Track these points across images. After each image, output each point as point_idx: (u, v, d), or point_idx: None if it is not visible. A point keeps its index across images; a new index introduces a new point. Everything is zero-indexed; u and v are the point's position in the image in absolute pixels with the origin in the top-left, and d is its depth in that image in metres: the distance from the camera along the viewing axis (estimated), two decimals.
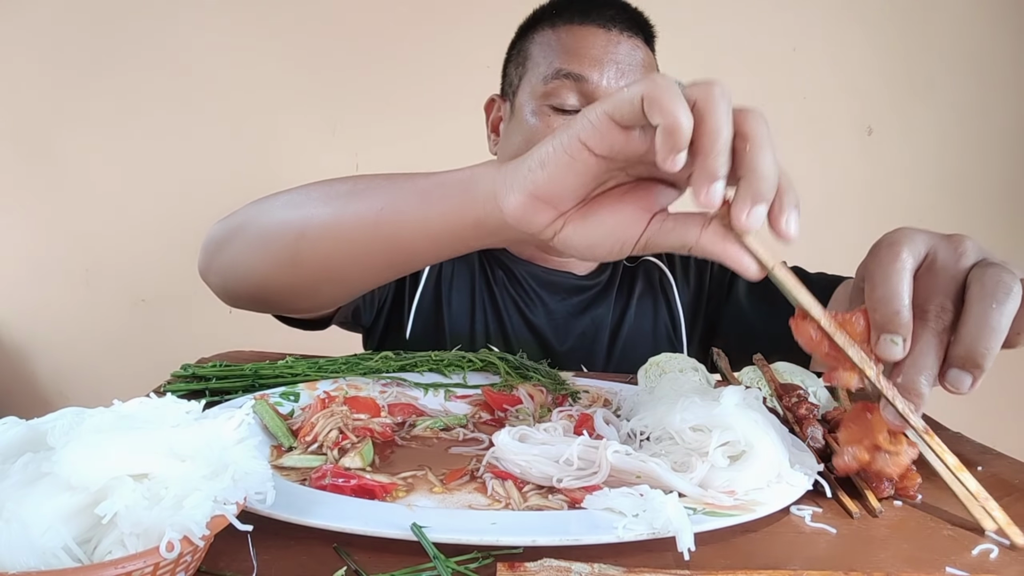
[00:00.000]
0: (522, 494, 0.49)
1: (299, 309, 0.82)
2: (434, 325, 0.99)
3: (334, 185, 0.65)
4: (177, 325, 1.94)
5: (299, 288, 0.71)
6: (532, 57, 0.93)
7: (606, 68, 0.88)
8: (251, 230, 0.70)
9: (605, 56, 0.88)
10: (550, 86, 0.88)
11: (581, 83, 0.87)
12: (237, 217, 0.73)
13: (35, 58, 1.87)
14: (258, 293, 0.74)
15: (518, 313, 1.00)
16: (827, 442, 0.58)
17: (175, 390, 0.66)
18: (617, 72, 0.88)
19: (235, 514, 0.35)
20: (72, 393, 2.00)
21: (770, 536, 0.46)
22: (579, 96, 0.88)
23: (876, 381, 0.45)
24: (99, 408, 0.38)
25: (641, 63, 0.91)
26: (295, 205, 0.67)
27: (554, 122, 0.88)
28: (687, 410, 0.53)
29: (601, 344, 1.00)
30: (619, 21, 0.91)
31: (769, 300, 0.99)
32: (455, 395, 0.70)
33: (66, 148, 1.91)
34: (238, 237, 0.72)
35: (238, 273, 0.73)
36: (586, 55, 0.88)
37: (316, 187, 0.67)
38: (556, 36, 0.91)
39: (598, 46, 0.88)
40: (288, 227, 0.66)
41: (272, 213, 0.69)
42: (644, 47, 0.93)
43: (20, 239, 1.95)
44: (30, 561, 0.30)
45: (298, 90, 1.89)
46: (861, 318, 0.47)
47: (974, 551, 0.45)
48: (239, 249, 0.72)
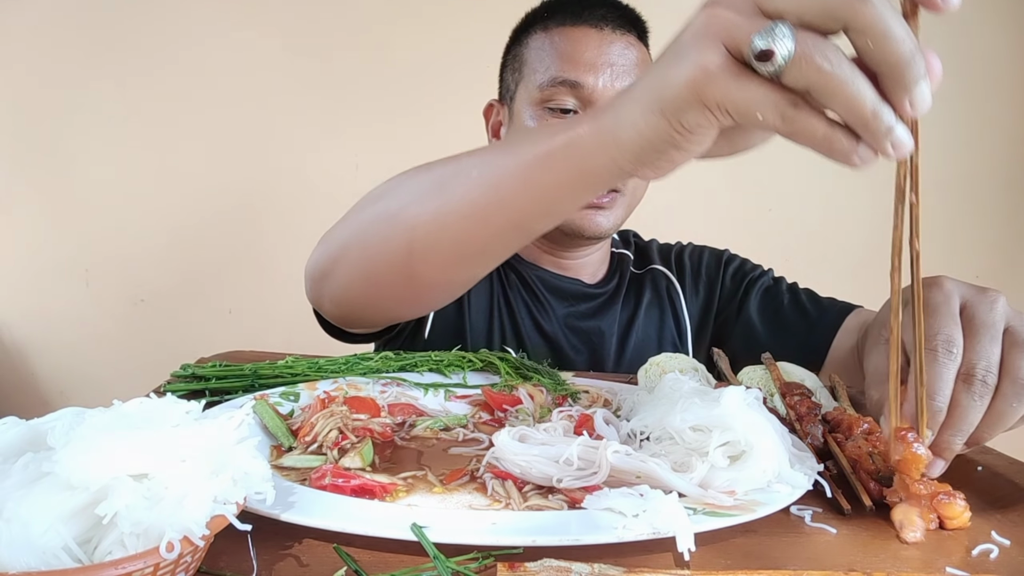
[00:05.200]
0: (522, 494, 0.49)
1: (410, 316, 0.84)
2: (455, 327, 0.97)
3: (422, 180, 0.62)
4: (177, 325, 1.94)
5: (412, 298, 0.69)
6: (528, 63, 0.93)
7: (601, 71, 0.88)
8: (354, 252, 0.67)
9: (599, 58, 0.88)
10: (547, 92, 0.89)
11: (577, 88, 0.88)
12: (336, 239, 0.70)
13: (35, 58, 1.87)
14: (374, 313, 0.74)
15: (530, 317, 0.99)
16: (827, 441, 0.58)
17: (175, 390, 0.66)
18: (612, 73, 0.88)
19: (235, 514, 0.35)
20: (72, 393, 2.00)
21: (770, 536, 0.46)
22: (576, 100, 0.88)
23: None
24: (99, 408, 0.38)
25: (636, 61, 0.91)
26: (390, 216, 0.62)
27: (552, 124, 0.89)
28: (687, 410, 0.53)
29: (608, 351, 1.00)
30: (610, 20, 0.91)
31: (781, 318, 0.99)
32: (455, 395, 0.70)
33: (66, 148, 1.91)
34: (343, 261, 0.68)
35: (351, 297, 0.71)
36: (580, 59, 0.88)
37: (404, 188, 0.63)
38: (550, 40, 0.91)
39: (592, 48, 0.89)
40: (393, 242, 0.62)
41: (369, 229, 0.65)
42: (638, 43, 0.93)
43: (20, 239, 1.95)
44: (30, 561, 0.30)
45: (298, 90, 1.89)
46: None
47: (974, 551, 0.45)
48: (347, 273, 0.69)
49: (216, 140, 1.90)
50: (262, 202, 1.91)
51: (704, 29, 0.38)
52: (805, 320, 0.97)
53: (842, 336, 0.92)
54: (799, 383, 0.68)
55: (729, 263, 1.08)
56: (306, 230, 1.86)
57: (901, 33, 0.35)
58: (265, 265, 1.91)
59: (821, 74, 0.35)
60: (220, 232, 1.93)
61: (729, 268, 1.07)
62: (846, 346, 0.91)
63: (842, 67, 0.35)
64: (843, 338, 0.92)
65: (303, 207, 1.87)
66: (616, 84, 0.88)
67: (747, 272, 1.06)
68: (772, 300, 1.01)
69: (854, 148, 0.37)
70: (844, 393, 0.72)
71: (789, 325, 0.98)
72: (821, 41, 0.36)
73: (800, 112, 0.37)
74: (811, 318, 0.96)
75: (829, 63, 0.35)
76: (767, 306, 1.01)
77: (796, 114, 0.37)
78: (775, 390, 0.69)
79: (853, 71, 0.36)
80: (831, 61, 0.35)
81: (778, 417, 0.59)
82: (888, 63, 0.35)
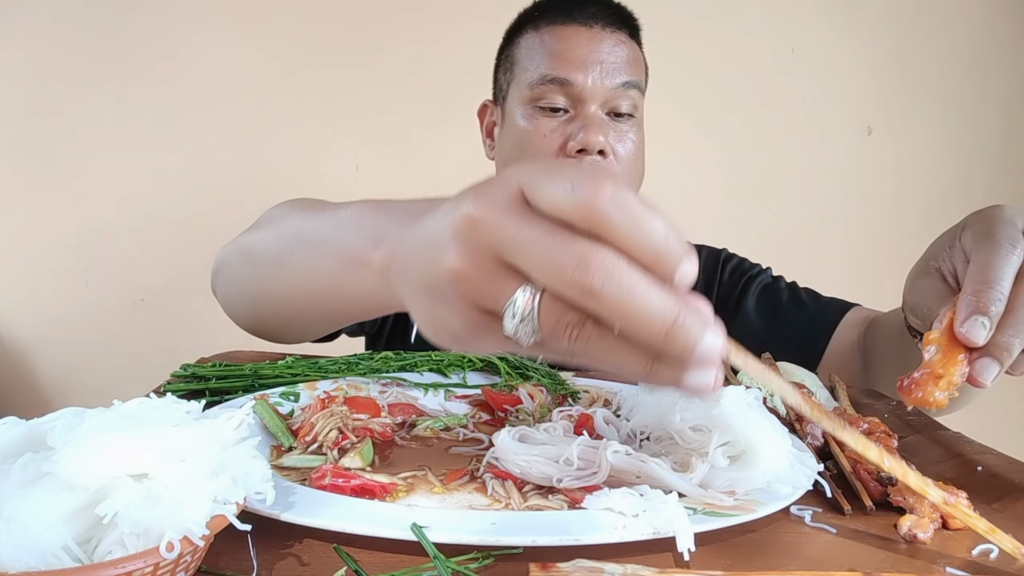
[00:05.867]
0: (522, 494, 0.49)
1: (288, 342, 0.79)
2: None
3: (259, 242, 0.66)
4: (177, 325, 1.93)
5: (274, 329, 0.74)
6: (519, 62, 0.94)
7: (590, 68, 0.88)
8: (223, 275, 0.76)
9: (589, 56, 0.89)
10: (536, 91, 0.90)
11: (567, 86, 0.88)
12: (219, 256, 0.77)
13: (35, 58, 1.87)
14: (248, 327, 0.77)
15: None
16: (827, 441, 0.58)
17: (175, 390, 0.66)
18: (602, 71, 0.88)
19: (235, 514, 0.35)
20: (72, 393, 2.00)
21: (770, 536, 0.46)
22: (566, 98, 0.89)
23: None
24: (99, 408, 0.38)
25: (626, 58, 0.91)
26: (242, 261, 0.69)
27: (543, 124, 0.89)
28: (687, 410, 0.53)
29: None
30: (600, 17, 0.91)
31: (779, 315, 0.99)
32: (455, 395, 0.70)
33: (66, 148, 1.91)
34: (218, 277, 0.77)
35: (227, 308, 0.78)
36: (570, 57, 0.89)
37: (250, 242, 0.68)
38: (540, 39, 0.92)
39: (581, 46, 0.89)
40: (241, 282, 0.69)
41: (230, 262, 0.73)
42: (629, 41, 0.93)
43: (20, 239, 1.95)
44: (30, 561, 0.30)
45: (298, 90, 1.88)
46: None
47: (974, 551, 0.45)
48: (221, 289, 0.77)
49: (216, 140, 1.90)
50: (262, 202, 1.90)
51: (450, 284, 0.32)
52: (803, 316, 0.97)
53: (841, 332, 0.92)
54: (799, 384, 0.68)
55: (727, 262, 1.08)
56: None
57: (650, 310, 0.28)
58: None
59: (574, 354, 0.30)
60: (220, 232, 1.92)
61: (727, 266, 1.07)
62: (845, 342, 0.91)
63: (594, 344, 0.30)
64: (842, 334, 0.92)
65: None
66: (606, 82, 0.89)
67: (745, 270, 1.06)
68: (770, 297, 1.01)
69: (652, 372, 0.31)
70: (844, 393, 0.72)
71: (787, 321, 0.98)
72: (570, 316, 0.30)
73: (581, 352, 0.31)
74: (810, 314, 0.96)
75: (581, 343, 0.30)
76: (765, 303, 1.01)
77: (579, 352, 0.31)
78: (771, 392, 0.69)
79: (613, 346, 0.30)
80: (583, 340, 0.30)
81: (778, 417, 0.59)
82: (647, 344, 0.29)
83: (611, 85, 0.89)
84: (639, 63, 0.95)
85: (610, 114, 0.90)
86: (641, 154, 0.95)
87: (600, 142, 0.87)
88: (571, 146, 0.87)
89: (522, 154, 0.92)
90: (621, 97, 0.90)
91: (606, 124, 0.89)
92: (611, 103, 0.90)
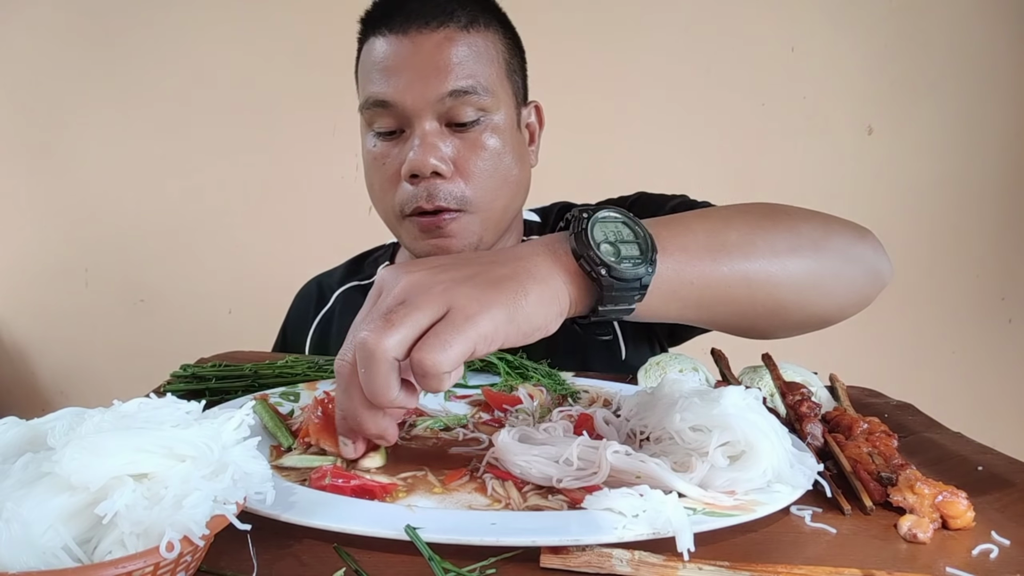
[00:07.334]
0: (522, 494, 0.49)
1: None
2: None
3: None
4: (177, 325, 1.94)
5: None
6: (358, 82, 0.87)
7: (408, 83, 0.78)
8: None
9: (404, 69, 0.78)
10: (366, 115, 0.83)
11: (390, 107, 0.79)
12: None
13: (36, 58, 1.87)
14: None
15: None
16: (827, 441, 0.58)
17: (175, 390, 0.66)
18: (424, 83, 0.78)
19: (235, 514, 0.35)
20: (72, 393, 2.00)
21: (770, 536, 0.46)
22: (393, 119, 0.80)
23: None
24: (99, 408, 0.38)
25: (453, 60, 0.79)
26: None
27: (380, 150, 0.83)
28: (687, 410, 0.53)
29: None
30: (416, 18, 0.79)
31: None
32: (455, 395, 0.70)
33: (66, 148, 1.91)
34: None
35: None
36: (386, 74, 0.79)
37: None
38: (365, 55, 0.84)
39: (395, 58, 0.79)
40: None
41: None
42: (460, 33, 0.80)
43: (20, 239, 1.95)
44: (30, 561, 0.30)
45: (298, 90, 1.89)
46: None
47: (974, 551, 0.45)
48: None
49: (216, 140, 1.90)
50: (262, 202, 1.91)
51: None
52: None
53: None
54: (800, 383, 0.68)
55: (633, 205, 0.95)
56: (306, 230, 1.87)
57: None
58: (265, 265, 1.91)
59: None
60: (220, 232, 1.93)
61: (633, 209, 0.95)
62: None
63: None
64: None
65: (303, 207, 1.87)
66: (428, 95, 0.78)
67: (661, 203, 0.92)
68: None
69: None
70: (844, 393, 0.72)
71: None
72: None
73: None
74: None
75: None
76: None
77: None
78: (775, 390, 0.69)
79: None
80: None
81: (778, 417, 0.59)
82: None
83: (435, 97, 0.78)
84: (480, 56, 0.81)
85: (451, 125, 0.80)
86: (507, 155, 0.83)
87: (431, 164, 0.77)
88: (404, 171, 0.79)
89: (371, 184, 0.86)
90: (456, 106, 0.78)
91: (441, 140, 0.79)
92: (448, 115, 0.79)
